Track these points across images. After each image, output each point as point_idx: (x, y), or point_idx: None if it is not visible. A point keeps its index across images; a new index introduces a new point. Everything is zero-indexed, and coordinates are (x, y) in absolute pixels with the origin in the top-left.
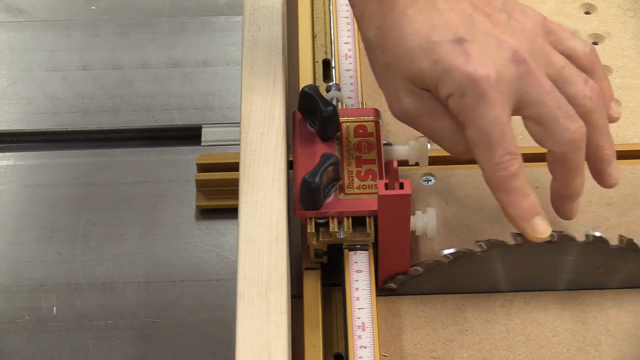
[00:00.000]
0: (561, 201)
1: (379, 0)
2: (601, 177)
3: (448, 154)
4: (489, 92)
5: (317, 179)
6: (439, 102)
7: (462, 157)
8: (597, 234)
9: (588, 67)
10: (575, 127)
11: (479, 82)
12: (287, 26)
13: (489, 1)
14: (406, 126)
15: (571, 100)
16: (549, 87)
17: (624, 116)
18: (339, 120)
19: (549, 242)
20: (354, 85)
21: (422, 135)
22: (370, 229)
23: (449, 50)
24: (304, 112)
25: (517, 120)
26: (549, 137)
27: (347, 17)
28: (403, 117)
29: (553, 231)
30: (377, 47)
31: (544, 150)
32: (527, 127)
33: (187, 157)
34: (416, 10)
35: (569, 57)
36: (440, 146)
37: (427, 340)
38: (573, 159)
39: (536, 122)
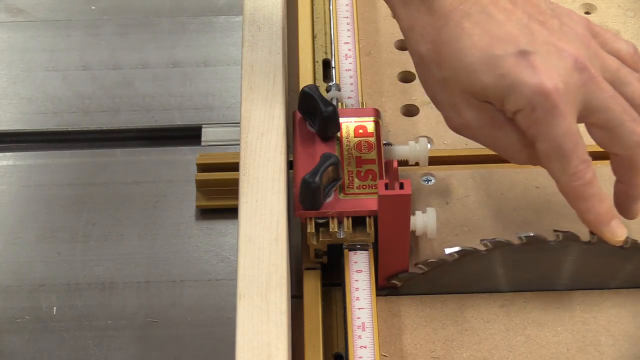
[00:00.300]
0: (627, 202)
1: (430, 13)
2: None
3: (448, 154)
4: (560, 104)
5: (317, 179)
6: (501, 113)
7: (524, 164)
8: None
9: (634, 67)
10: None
11: (549, 95)
12: (287, 26)
13: (539, 8)
14: (406, 126)
15: (629, 100)
16: (611, 91)
17: None
18: (339, 120)
19: (555, 242)
20: (354, 85)
21: (422, 135)
22: (370, 229)
23: (514, 63)
24: (304, 112)
25: None
26: (616, 142)
27: (347, 17)
28: (464, 130)
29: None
30: (432, 62)
31: None
32: (591, 133)
33: (187, 157)
34: (473, 22)
35: (616, 57)
36: (503, 156)
37: (427, 340)
38: None
39: (602, 128)
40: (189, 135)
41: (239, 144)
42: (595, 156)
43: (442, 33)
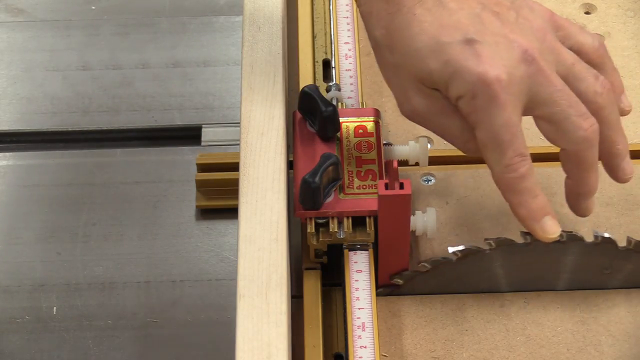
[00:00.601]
0: (577, 199)
1: (386, 0)
2: (616, 173)
3: (448, 154)
4: (500, 95)
5: (317, 179)
6: (449, 101)
7: (473, 155)
8: (606, 235)
9: (598, 62)
10: (587, 124)
11: (490, 84)
12: (287, 26)
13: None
14: (406, 126)
15: (582, 96)
16: (560, 85)
17: (624, 116)
18: (339, 120)
19: (557, 241)
20: (354, 85)
21: (422, 135)
22: (370, 229)
23: (459, 51)
24: (304, 112)
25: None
26: (561, 136)
27: (347, 17)
28: (413, 116)
29: (562, 231)
30: (385, 47)
31: (544, 151)
32: (538, 126)
33: (187, 157)
34: (424, 9)
35: (578, 51)
36: (452, 144)
37: (427, 340)
38: (587, 156)
39: (548, 122)
40: (189, 135)
41: (239, 144)
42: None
43: (395, 19)
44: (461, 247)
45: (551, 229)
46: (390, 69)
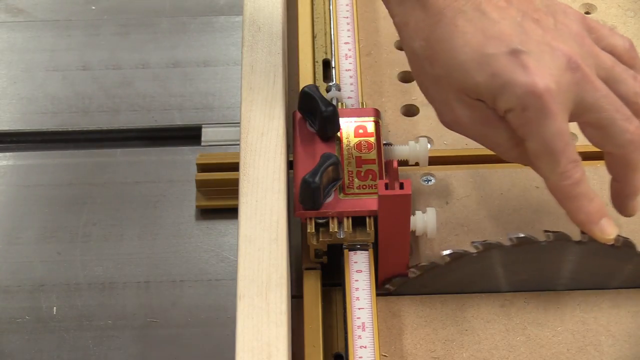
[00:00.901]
0: (624, 200)
1: (424, 10)
2: None
3: (448, 154)
4: (551, 105)
5: (317, 179)
6: (493, 111)
7: (516, 163)
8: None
9: (630, 62)
10: (634, 127)
11: (541, 95)
12: (287, 26)
13: (533, 5)
14: (406, 126)
15: (623, 99)
16: (604, 90)
17: None
18: (339, 120)
19: (544, 242)
20: (354, 85)
21: (422, 135)
22: (370, 229)
23: (506, 63)
24: (304, 112)
25: None
26: (609, 141)
27: (347, 17)
28: (455, 126)
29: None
30: (425, 59)
31: None
32: (584, 131)
33: (187, 157)
34: (466, 20)
35: (611, 53)
36: (496, 153)
37: (427, 340)
38: (634, 158)
39: (595, 127)
40: (189, 135)
41: (239, 144)
42: (595, 156)
43: (435, 30)
44: (449, 251)
45: (609, 230)
46: (430, 81)
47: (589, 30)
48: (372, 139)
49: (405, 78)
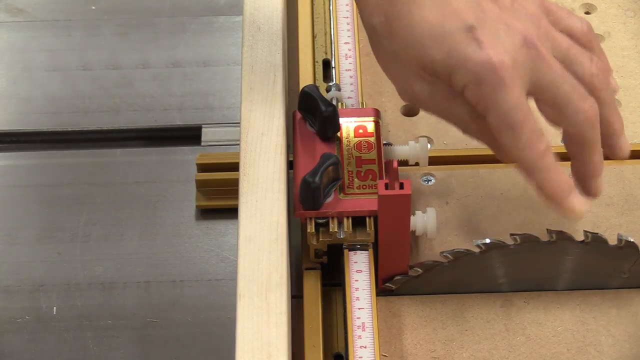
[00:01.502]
0: (585, 180)
1: None
2: (614, 151)
3: (448, 154)
4: (506, 78)
5: (317, 179)
6: (451, 87)
7: (477, 139)
8: (630, 238)
9: (587, 45)
10: (588, 106)
11: (495, 69)
12: (287, 26)
13: None
14: (406, 126)
15: (579, 79)
16: (560, 70)
17: (624, 116)
18: (339, 120)
19: (547, 241)
20: (354, 85)
21: (422, 135)
22: (370, 229)
23: (462, 39)
24: (304, 112)
25: None
26: (564, 119)
27: (347, 17)
28: (415, 101)
29: (585, 231)
30: (383, 35)
31: None
32: (540, 109)
33: (187, 157)
34: None
35: (569, 35)
36: (457, 127)
37: (427, 340)
38: (590, 136)
39: (550, 105)
40: (189, 135)
41: (239, 144)
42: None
43: (394, 6)
44: (451, 251)
45: (579, 205)
46: (389, 57)
47: (547, 12)
48: (372, 139)
49: None
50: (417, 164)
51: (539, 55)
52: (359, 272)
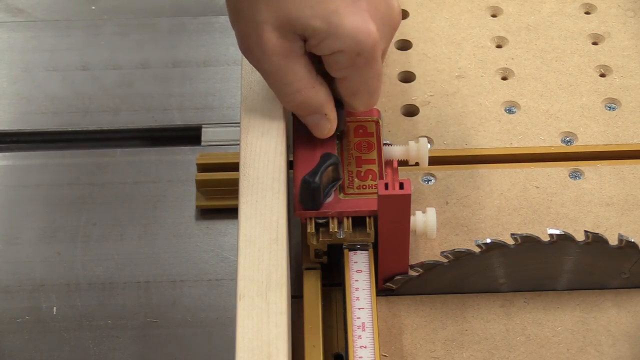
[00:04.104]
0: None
1: None
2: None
3: (448, 154)
4: (379, 50)
5: (317, 179)
6: (300, 46)
7: (294, 105)
8: (630, 238)
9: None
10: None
11: (375, 43)
12: None
13: None
14: (406, 126)
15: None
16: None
17: (624, 116)
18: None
19: (548, 241)
20: None
21: (422, 135)
22: (370, 229)
23: (347, 5)
24: None
25: (517, 119)
26: (343, 85)
27: None
28: (255, 53)
29: (586, 231)
30: None
31: (543, 151)
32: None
33: (187, 157)
34: None
35: None
36: (277, 92)
37: (427, 340)
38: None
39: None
40: (189, 135)
41: (239, 144)
42: (595, 156)
43: None
44: (451, 250)
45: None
46: (254, 3)
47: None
48: (372, 139)
49: (405, 78)
50: (417, 164)
51: (390, 36)
52: (359, 272)
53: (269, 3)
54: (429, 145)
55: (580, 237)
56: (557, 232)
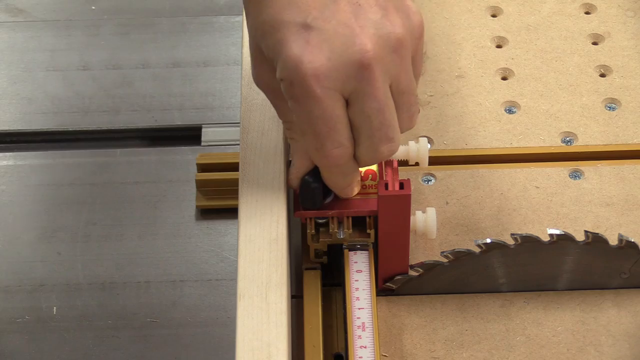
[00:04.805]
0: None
1: None
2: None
3: (448, 154)
4: (317, 88)
5: (317, 179)
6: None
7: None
8: (630, 239)
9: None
10: (386, 150)
11: (305, 77)
12: None
13: None
14: None
15: (399, 110)
16: (382, 102)
17: (624, 116)
18: None
19: (548, 241)
20: None
21: (422, 135)
22: (370, 229)
23: (292, 33)
24: None
25: (517, 119)
26: (358, 145)
27: None
28: (256, 82)
29: (586, 231)
30: (245, 8)
31: (543, 151)
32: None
33: (187, 157)
34: None
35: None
36: (283, 122)
37: (427, 340)
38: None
39: (354, 126)
40: (189, 135)
41: (239, 144)
42: (595, 156)
43: None
44: (452, 250)
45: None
46: (248, 30)
47: (418, 37)
48: None
49: None
50: (417, 164)
51: (370, 78)
52: (359, 272)
53: (253, 33)
54: (429, 145)
55: (580, 237)
56: (557, 232)
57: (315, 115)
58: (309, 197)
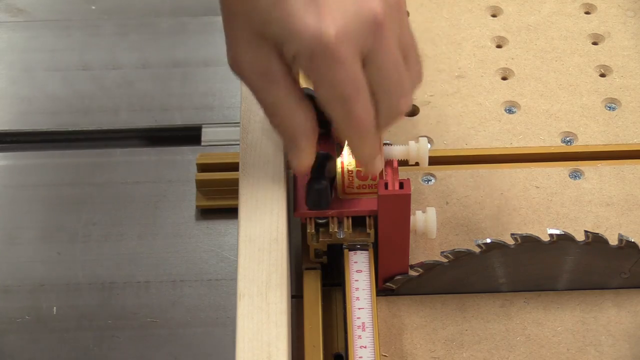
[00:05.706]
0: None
1: None
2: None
3: (448, 154)
4: (340, 52)
5: (323, 181)
6: (279, 64)
7: (277, 129)
8: (630, 239)
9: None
10: (405, 106)
11: (328, 43)
12: None
13: None
14: (406, 126)
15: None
16: (396, 57)
17: (624, 116)
18: None
19: (548, 241)
20: None
21: (422, 135)
22: (370, 229)
23: (301, 6)
24: None
25: (517, 118)
26: (379, 101)
27: None
28: (236, 69)
29: (586, 231)
30: None
31: (544, 151)
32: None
33: (187, 157)
34: None
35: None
36: (269, 120)
37: (427, 340)
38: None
39: (372, 82)
40: (189, 135)
41: (239, 144)
42: (595, 156)
43: None
44: (452, 250)
45: (378, 166)
46: (230, 15)
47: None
48: None
49: None
50: (417, 164)
51: (384, 36)
52: (359, 272)
53: (245, 15)
54: (429, 145)
55: (580, 237)
56: (557, 232)
57: (340, 80)
58: (317, 199)
